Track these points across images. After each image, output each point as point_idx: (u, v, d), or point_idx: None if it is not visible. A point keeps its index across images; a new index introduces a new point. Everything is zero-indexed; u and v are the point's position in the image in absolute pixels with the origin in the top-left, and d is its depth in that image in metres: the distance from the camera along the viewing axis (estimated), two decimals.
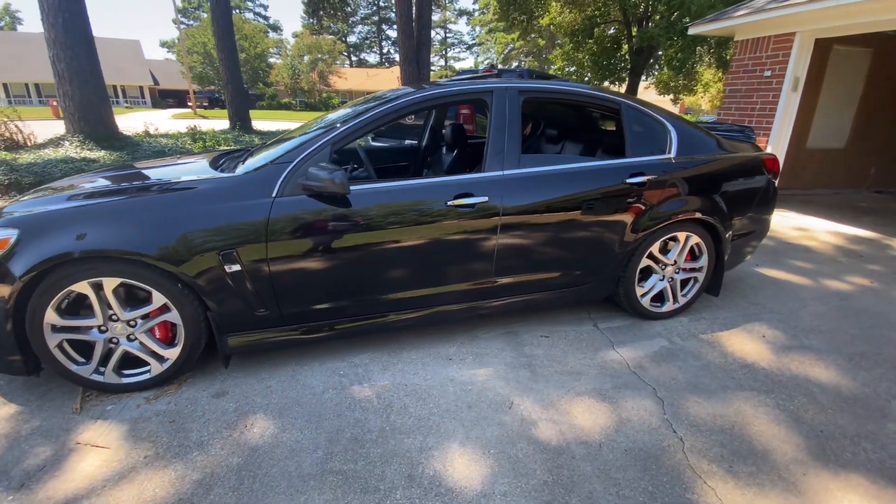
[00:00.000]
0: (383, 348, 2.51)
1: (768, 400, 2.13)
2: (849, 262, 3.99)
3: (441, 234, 2.25)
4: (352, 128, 2.18)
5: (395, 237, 2.20)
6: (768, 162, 2.90)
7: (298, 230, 2.07)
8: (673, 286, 2.81)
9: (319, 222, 2.10)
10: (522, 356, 2.46)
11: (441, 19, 49.27)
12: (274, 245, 2.05)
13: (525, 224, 2.37)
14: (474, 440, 1.87)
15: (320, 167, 2.00)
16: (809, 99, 6.41)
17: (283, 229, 2.04)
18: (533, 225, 2.39)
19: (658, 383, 2.24)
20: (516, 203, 2.33)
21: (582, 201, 2.45)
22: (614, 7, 13.72)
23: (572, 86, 2.60)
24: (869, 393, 2.19)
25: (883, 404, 2.11)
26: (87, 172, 3.82)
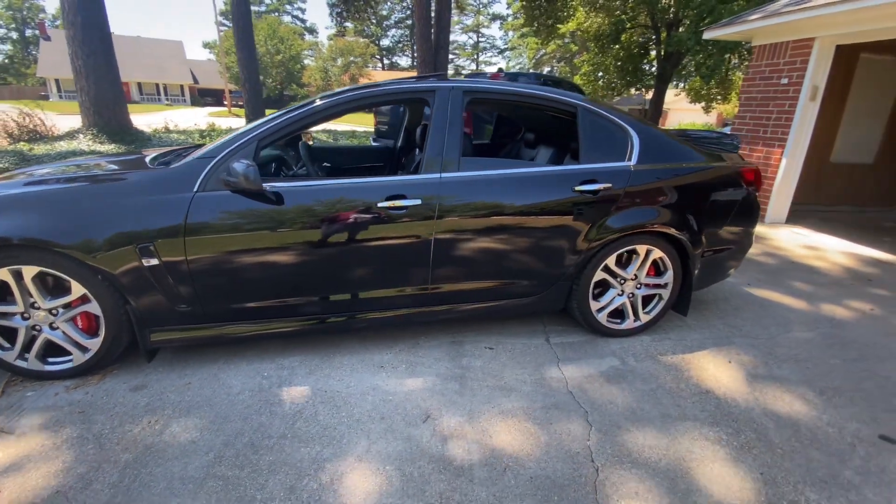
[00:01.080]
0: (318, 352, 2.44)
1: (711, 433, 1.93)
2: (854, 285, 3.66)
3: (372, 236, 2.17)
4: (280, 124, 2.13)
5: (321, 238, 2.13)
6: (747, 173, 2.67)
7: (218, 226, 2.03)
8: (633, 302, 2.63)
9: (240, 219, 2.05)
10: (458, 367, 2.34)
11: (474, 23, 49.35)
12: (192, 240, 2.01)
13: (463, 230, 2.26)
14: (374, 454, 1.77)
15: (239, 162, 1.96)
16: (833, 110, 5.98)
17: (202, 225, 2.01)
18: (473, 231, 2.27)
19: (593, 406, 2.08)
20: (453, 208, 2.22)
21: (528, 208, 2.32)
22: (642, 12, 13.31)
23: (524, 87, 2.47)
24: (832, 434, 1.96)
25: (845, 448, 1.88)
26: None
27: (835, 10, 4.33)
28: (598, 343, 2.63)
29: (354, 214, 2.14)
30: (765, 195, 5.53)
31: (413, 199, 2.15)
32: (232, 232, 2.05)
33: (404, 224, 2.17)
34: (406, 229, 2.19)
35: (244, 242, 2.07)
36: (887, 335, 2.85)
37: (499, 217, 2.29)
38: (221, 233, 2.03)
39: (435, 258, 2.26)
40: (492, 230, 2.30)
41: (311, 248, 2.13)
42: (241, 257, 2.08)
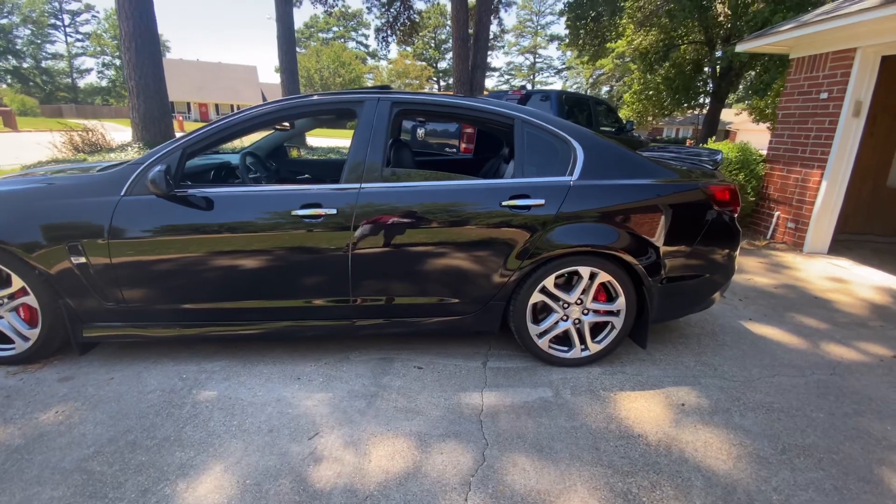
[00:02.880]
0: (243, 358, 2.45)
1: (620, 484, 1.68)
2: (880, 327, 3.11)
3: (288, 244, 2.16)
4: (206, 133, 2.20)
5: (239, 245, 2.15)
6: (718, 193, 2.37)
7: (140, 229, 2.11)
8: (581, 329, 2.39)
9: (160, 223, 2.12)
10: (375, 386, 2.24)
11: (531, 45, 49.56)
12: (116, 242, 2.11)
13: (383, 242, 2.18)
14: (242, 466, 1.71)
15: (154, 169, 2.03)
16: (888, 128, 5.26)
17: (125, 227, 2.10)
18: (393, 244, 2.19)
19: (498, 439, 1.89)
20: (372, 219, 2.16)
21: (453, 222, 2.20)
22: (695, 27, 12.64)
23: (457, 99, 2.38)
24: (776, 502, 1.63)
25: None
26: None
27: (869, 16, 3.85)
28: (538, 371, 2.42)
29: (271, 222, 2.14)
30: (803, 222, 4.94)
31: (329, 208, 2.12)
32: (154, 234, 2.12)
33: (320, 234, 2.14)
34: (322, 239, 2.15)
35: (165, 245, 2.14)
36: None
37: (422, 230, 2.19)
38: (144, 235, 2.12)
39: (354, 271, 2.20)
40: (415, 244, 2.20)
41: (229, 253, 2.15)
42: (162, 260, 2.14)
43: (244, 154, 2.51)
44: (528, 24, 49.49)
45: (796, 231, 5.00)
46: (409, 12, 14.77)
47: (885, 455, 1.88)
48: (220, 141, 2.25)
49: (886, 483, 1.72)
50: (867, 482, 1.73)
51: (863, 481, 1.74)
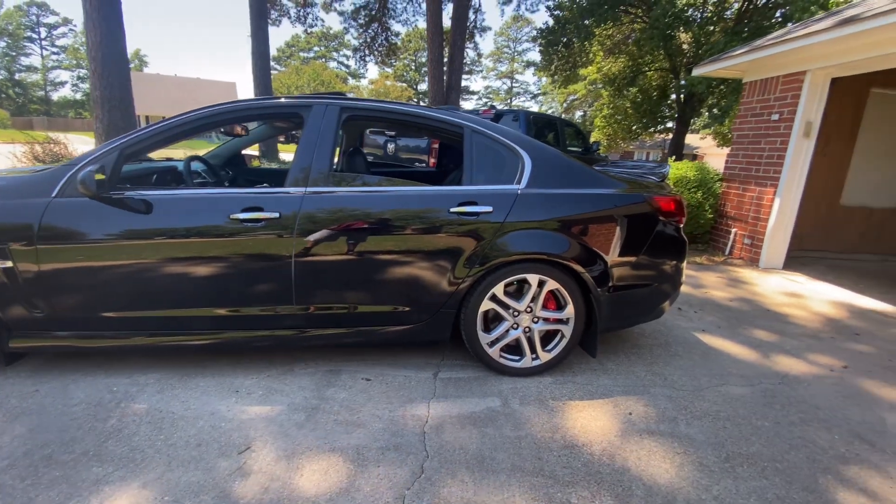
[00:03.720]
0: (181, 370, 2.33)
1: (559, 495, 1.63)
2: (832, 339, 3.19)
3: (228, 249, 2.09)
4: (147, 134, 2.14)
5: (178, 250, 2.07)
6: (663, 203, 2.41)
7: (71, 233, 2.02)
8: (531, 337, 2.37)
9: (94, 227, 2.03)
10: (317, 398, 2.16)
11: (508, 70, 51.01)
12: (45, 246, 2.00)
13: (329, 248, 2.14)
14: (163, 482, 1.60)
15: (84, 169, 1.95)
16: (842, 149, 5.54)
17: (55, 230, 2.00)
18: (339, 250, 2.15)
19: (439, 451, 1.83)
20: (316, 224, 2.11)
21: (402, 229, 2.18)
22: (660, 56, 13.21)
23: (406, 107, 2.38)
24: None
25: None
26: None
27: (817, 39, 4.08)
28: (489, 381, 2.37)
29: (212, 226, 2.08)
30: (758, 238, 5.09)
31: (271, 212, 2.07)
32: (86, 239, 2.02)
33: (262, 239, 2.08)
34: (264, 244, 2.09)
35: (99, 250, 2.04)
36: (848, 397, 2.41)
37: (369, 236, 2.16)
38: (75, 239, 2.02)
39: (298, 277, 2.14)
40: (362, 250, 2.16)
41: (168, 259, 2.07)
42: (96, 266, 2.04)
43: (189, 159, 2.45)
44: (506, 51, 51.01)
45: (752, 247, 5.16)
46: (386, 34, 15.04)
47: (831, 464, 1.88)
48: (160, 143, 2.19)
49: (831, 493, 1.72)
50: (811, 492, 1.72)
51: (806, 491, 1.73)
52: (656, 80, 14.10)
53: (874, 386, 2.55)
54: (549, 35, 14.33)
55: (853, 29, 3.82)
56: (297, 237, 2.09)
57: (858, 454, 1.95)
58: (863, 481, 1.79)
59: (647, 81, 14.13)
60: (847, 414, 2.25)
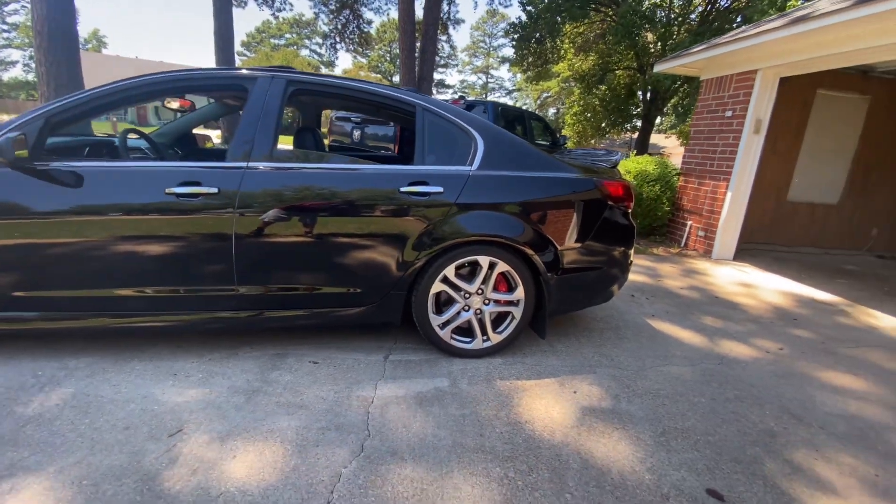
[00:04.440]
0: (116, 355, 2.22)
1: (498, 469, 1.64)
2: (774, 324, 3.34)
3: (163, 226, 1.99)
4: (76, 101, 2.01)
5: (110, 225, 1.96)
6: (612, 188, 2.46)
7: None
8: (482, 319, 2.37)
9: (15, 199, 1.90)
10: (260, 381, 2.10)
11: (483, 65, 51.13)
12: None
13: (271, 225, 2.07)
14: (83, 466, 1.52)
15: (6, 136, 1.82)
16: (789, 147, 5.80)
17: None
18: (283, 229, 2.08)
19: (381, 430, 1.81)
20: (258, 200, 2.04)
21: (349, 208, 2.13)
22: (628, 55, 13.52)
23: (357, 83, 2.33)
24: (647, 482, 1.65)
25: (653, 500, 1.57)
26: None
27: (768, 38, 4.24)
28: (439, 363, 2.36)
29: (147, 200, 1.97)
30: (712, 231, 5.28)
31: (209, 186, 1.99)
32: (6, 213, 1.89)
33: (200, 215, 2.00)
34: (202, 221, 2.01)
35: (21, 226, 1.91)
36: (782, 377, 2.53)
37: (316, 215, 2.10)
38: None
39: (240, 257, 2.07)
40: (306, 228, 2.10)
41: (97, 235, 1.96)
42: (15, 242, 1.91)
43: (126, 131, 2.32)
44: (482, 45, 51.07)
45: (706, 239, 5.35)
46: (358, 21, 14.76)
47: (759, 437, 1.97)
48: (91, 112, 2.06)
49: (758, 464, 1.79)
50: (739, 462, 1.79)
51: (735, 461, 1.80)
52: (624, 78, 14.42)
53: (807, 367, 2.68)
54: (521, 30, 14.43)
55: (800, 28, 3.98)
56: (238, 214, 2.01)
57: (786, 428, 2.05)
58: (788, 452, 1.88)
59: (616, 80, 14.43)
60: (779, 392, 2.36)
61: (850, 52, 3.90)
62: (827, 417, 2.16)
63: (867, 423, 2.14)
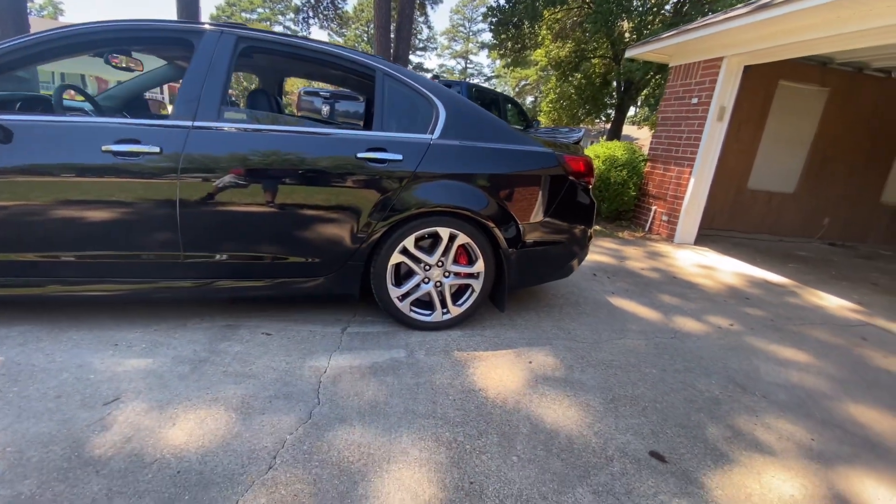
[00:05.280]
0: (52, 324, 2.10)
1: (447, 434, 1.64)
2: (728, 302, 3.46)
3: (99, 187, 1.87)
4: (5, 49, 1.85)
5: (43, 185, 1.83)
6: (572, 162, 2.46)
7: None
8: (442, 292, 2.36)
9: None
10: (207, 351, 2.02)
11: (463, 50, 50.55)
12: None
13: (219, 189, 1.98)
14: (8, 433, 1.44)
15: None
16: (751, 136, 5.97)
17: None
18: (231, 193, 1.99)
19: (332, 398, 1.77)
20: (204, 161, 1.94)
21: (302, 172, 2.06)
22: (604, 44, 13.60)
23: (318, 44, 2.24)
24: (594, 445, 1.68)
25: (598, 462, 1.60)
26: None
27: (734, 24, 4.31)
28: (398, 335, 2.34)
29: (81, 158, 1.85)
30: (675, 215, 5.42)
31: (150, 145, 1.87)
32: None
33: (138, 176, 1.89)
34: (140, 182, 1.89)
35: None
36: (730, 350, 2.62)
37: (267, 178, 2.02)
38: None
39: (184, 221, 1.97)
40: (256, 194, 2.02)
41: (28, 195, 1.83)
42: None
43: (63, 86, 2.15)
44: (461, 30, 50.40)
45: (669, 223, 5.48)
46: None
47: (705, 405, 2.03)
48: (21, 60, 1.91)
49: (701, 429, 1.85)
50: (683, 427, 1.85)
51: (679, 426, 1.85)
52: (600, 67, 14.52)
53: (755, 341, 2.79)
54: (499, 14, 14.28)
55: (764, 16, 4.06)
56: (182, 176, 1.91)
57: (731, 396, 2.13)
58: (731, 419, 1.95)
59: (592, 68, 14.52)
60: (727, 364, 2.45)
61: (808, 40, 4.01)
62: (769, 387, 2.25)
63: (807, 393, 2.24)
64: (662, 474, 1.57)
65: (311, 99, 6.73)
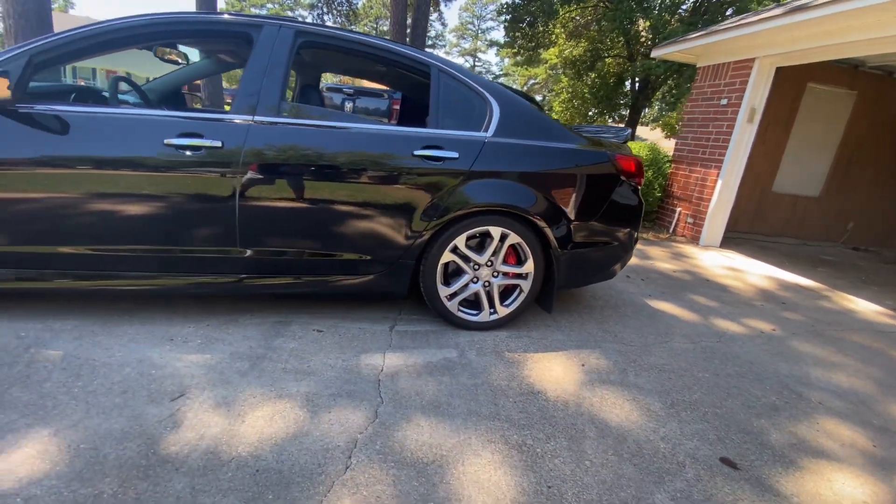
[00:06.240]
0: (103, 317, 2.09)
1: (516, 436, 1.62)
2: (764, 306, 3.43)
3: (161, 181, 1.86)
4: (63, 39, 1.83)
5: (100, 177, 1.81)
6: (624, 162, 2.43)
7: None
8: (490, 292, 2.33)
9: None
10: (264, 348, 2.01)
11: (471, 48, 50.41)
12: None
13: (278, 185, 1.96)
14: (79, 429, 1.42)
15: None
16: (778, 139, 5.91)
17: None
18: (289, 187, 1.98)
19: (394, 397, 1.76)
20: (264, 157, 1.92)
21: (361, 169, 2.03)
22: (619, 42, 13.50)
23: (374, 39, 2.21)
24: (662, 450, 1.66)
25: (671, 468, 1.57)
26: None
27: (768, 26, 4.25)
28: (447, 334, 2.32)
29: (141, 151, 1.83)
30: (700, 217, 5.37)
31: (212, 139, 1.86)
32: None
33: (201, 170, 1.87)
34: (203, 177, 1.88)
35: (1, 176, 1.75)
36: (777, 355, 2.59)
37: (326, 175, 2.00)
38: None
39: (243, 217, 1.95)
40: (312, 189, 2.00)
41: (85, 188, 1.81)
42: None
43: (116, 79, 2.14)
44: (470, 27, 50.25)
45: (694, 226, 5.44)
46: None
47: (763, 411, 2.00)
48: (78, 53, 1.89)
49: (765, 435, 1.82)
50: (747, 433, 1.82)
51: (743, 432, 1.82)
52: (614, 67, 14.42)
53: (800, 346, 2.76)
54: (514, 11, 14.19)
55: (801, 17, 4.01)
56: (243, 171, 1.89)
57: (788, 402, 2.10)
58: (792, 425, 1.92)
59: (606, 68, 14.41)
60: (777, 369, 2.42)
61: (848, 43, 3.96)
62: (823, 393, 2.22)
63: (859, 398, 2.21)
64: (737, 481, 1.55)
65: (332, 95, 6.71)
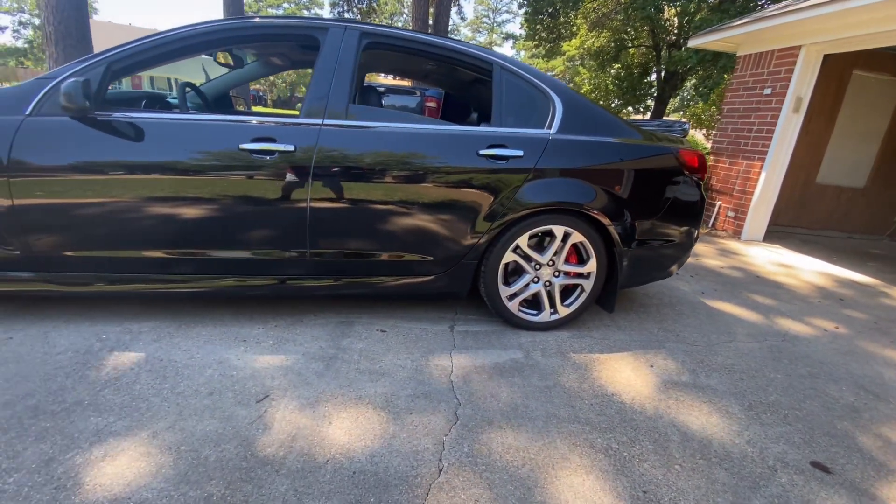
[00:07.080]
0: (177, 319, 2.14)
1: (600, 440, 1.60)
2: (823, 304, 3.32)
3: (233, 184, 1.88)
4: (139, 48, 1.87)
5: (174, 182, 1.84)
6: (688, 157, 2.36)
7: (49, 159, 1.76)
8: (551, 292, 2.31)
9: (76, 153, 1.77)
10: (333, 348, 2.03)
11: (487, 41, 50.00)
12: (18, 170, 1.74)
13: (347, 187, 1.97)
14: (175, 431, 1.45)
15: (74, 79, 1.68)
16: (822, 128, 5.70)
17: (29, 154, 1.74)
18: (358, 189, 1.98)
19: (470, 399, 1.75)
20: (334, 160, 1.93)
21: (425, 170, 2.03)
22: (644, 32, 13.20)
23: (435, 38, 2.20)
24: (752, 454, 1.61)
25: (763, 472, 1.53)
26: None
27: (817, 12, 4.09)
28: (507, 334, 2.31)
29: (215, 156, 1.86)
30: (742, 210, 5.23)
31: (285, 144, 1.87)
32: (67, 167, 1.77)
33: (274, 175, 1.89)
34: (276, 181, 1.90)
35: (82, 182, 1.79)
36: (846, 354, 2.51)
37: (389, 177, 2.00)
38: (54, 167, 1.76)
39: (313, 217, 1.97)
40: (381, 191, 2.00)
41: (162, 192, 1.85)
42: (74, 196, 1.80)
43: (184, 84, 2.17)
44: (485, 20, 49.86)
45: (736, 220, 5.29)
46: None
47: (844, 413, 1.93)
48: (153, 60, 1.92)
49: (851, 438, 1.76)
50: (832, 436, 1.76)
51: (827, 435, 1.77)
52: (638, 57, 14.12)
53: (867, 345, 2.66)
54: (535, 2, 14.00)
55: (855, 3, 3.84)
56: (314, 174, 1.91)
57: (867, 404, 2.03)
58: (876, 427, 1.85)
59: (630, 58, 14.12)
60: (850, 369, 2.33)
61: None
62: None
63: None
64: (832, 486, 1.50)
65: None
